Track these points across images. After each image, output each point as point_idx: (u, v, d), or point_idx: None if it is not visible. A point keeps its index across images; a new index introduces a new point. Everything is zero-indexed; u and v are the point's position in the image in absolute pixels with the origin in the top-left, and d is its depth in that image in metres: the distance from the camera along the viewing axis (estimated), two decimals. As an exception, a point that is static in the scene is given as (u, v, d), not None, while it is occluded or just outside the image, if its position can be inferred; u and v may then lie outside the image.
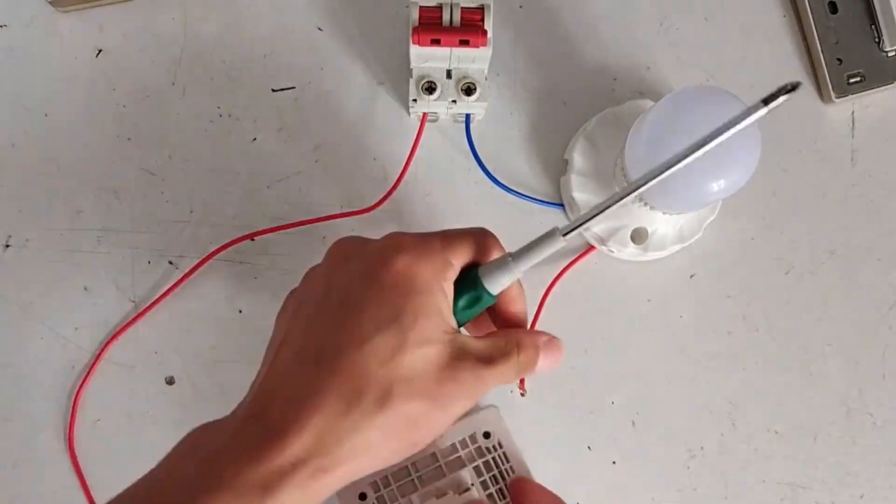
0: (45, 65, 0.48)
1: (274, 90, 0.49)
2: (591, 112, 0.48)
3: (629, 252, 0.46)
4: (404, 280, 0.31)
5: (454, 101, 0.45)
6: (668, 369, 0.48)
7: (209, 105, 0.48)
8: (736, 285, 0.48)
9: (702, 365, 0.48)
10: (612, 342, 0.48)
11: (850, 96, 0.48)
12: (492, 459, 0.38)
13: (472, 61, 0.44)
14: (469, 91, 0.45)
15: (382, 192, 0.47)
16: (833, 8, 0.49)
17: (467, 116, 0.47)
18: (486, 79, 0.45)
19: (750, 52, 0.50)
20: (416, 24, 0.42)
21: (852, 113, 0.50)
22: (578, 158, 0.46)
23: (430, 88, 0.45)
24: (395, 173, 0.46)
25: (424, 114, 0.46)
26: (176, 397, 0.47)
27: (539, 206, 0.48)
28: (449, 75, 0.45)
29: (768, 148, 0.39)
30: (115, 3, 0.48)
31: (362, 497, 0.42)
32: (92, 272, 0.47)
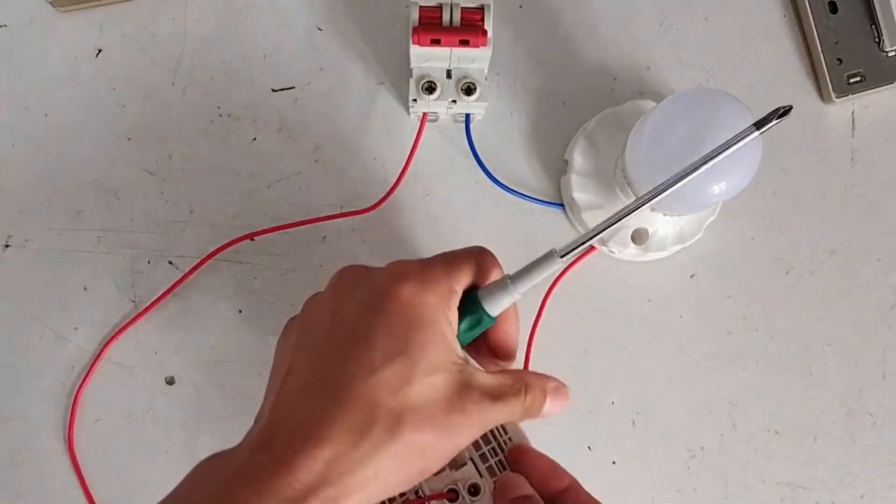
0: (45, 65, 0.48)
1: (274, 90, 0.49)
2: (592, 112, 0.48)
3: (630, 252, 0.46)
4: (410, 310, 0.31)
5: (454, 101, 0.45)
6: (668, 369, 0.48)
7: (209, 105, 0.48)
8: (736, 285, 0.48)
9: (702, 365, 0.48)
10: (612, 342, 0.48)
11: (850, 96, 0.48)
12: (490, 433, 0.38)
13: (472, 61, 0.44)
14: (469, 91, 0.45)
15: (382, 192, 0.47)
16: (833, 8, 0.49)
17: (467, 116, 0.47)
18: (486, 79, 0.45)
19: (750, 52, 0.50)
20: (416, 24, 0.42)
21: (852, 113, 0.50)
22: (579, 159, 0.46)
23: (430, 88, 0.45)
24: (395, 173, 0.46)
25: (424, 114, 0.46)
26: (176, 397, 0.47)
27: (539, 206, 0.48)
28: (449, 75, 0.45)
29: (768, 148, 0.39)
30: (115, 3, 0.48)
31: None
32: (92, 272, 0.47)
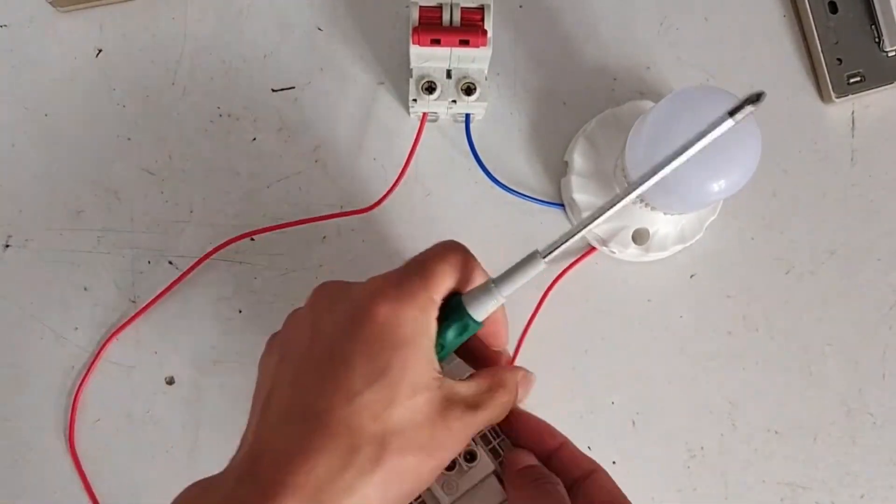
0: (45, 65, 0.48)
1: (274, 90, 0.49)
2: (591, 112, 0.48)
3: (630, 253, 0.46)
4: (389, 329, 0.30)
5: (454, 101, 0.45)
6: (668, 369, 0.48)
7: (209, 105, 0.48)
8: (736, 285, 0.48)
9: (702, 365, 0.48)
10: (612, 342, 0.48)
11: (850, 96, 0.48)
12: None
13: (472, 61, 0.44)
14: (469, 91, 0.45)
15: (382, 192, 0.47)
16: (833, 8, 0.49)
17: (467, 116, 0.47)
18: (486, 79, 0.45)
19: (750, 52, 0.50)
20: (416, 24, 0.42)
21: (852, 113, 0.50)
22: (579, 160, 0.46)
23: (430, 88, 0.45)
24: (395, 173, 0.46)
25: (424, 114, 0.46)
26: (176, 397, 0.47)
27: (539, 206, 0.48)
28: (449, 75, 0.45)
29: (768, 148, 0.39)
30: (115, 3, 0.48)
31: None
32: (92, 272, 0.47)
